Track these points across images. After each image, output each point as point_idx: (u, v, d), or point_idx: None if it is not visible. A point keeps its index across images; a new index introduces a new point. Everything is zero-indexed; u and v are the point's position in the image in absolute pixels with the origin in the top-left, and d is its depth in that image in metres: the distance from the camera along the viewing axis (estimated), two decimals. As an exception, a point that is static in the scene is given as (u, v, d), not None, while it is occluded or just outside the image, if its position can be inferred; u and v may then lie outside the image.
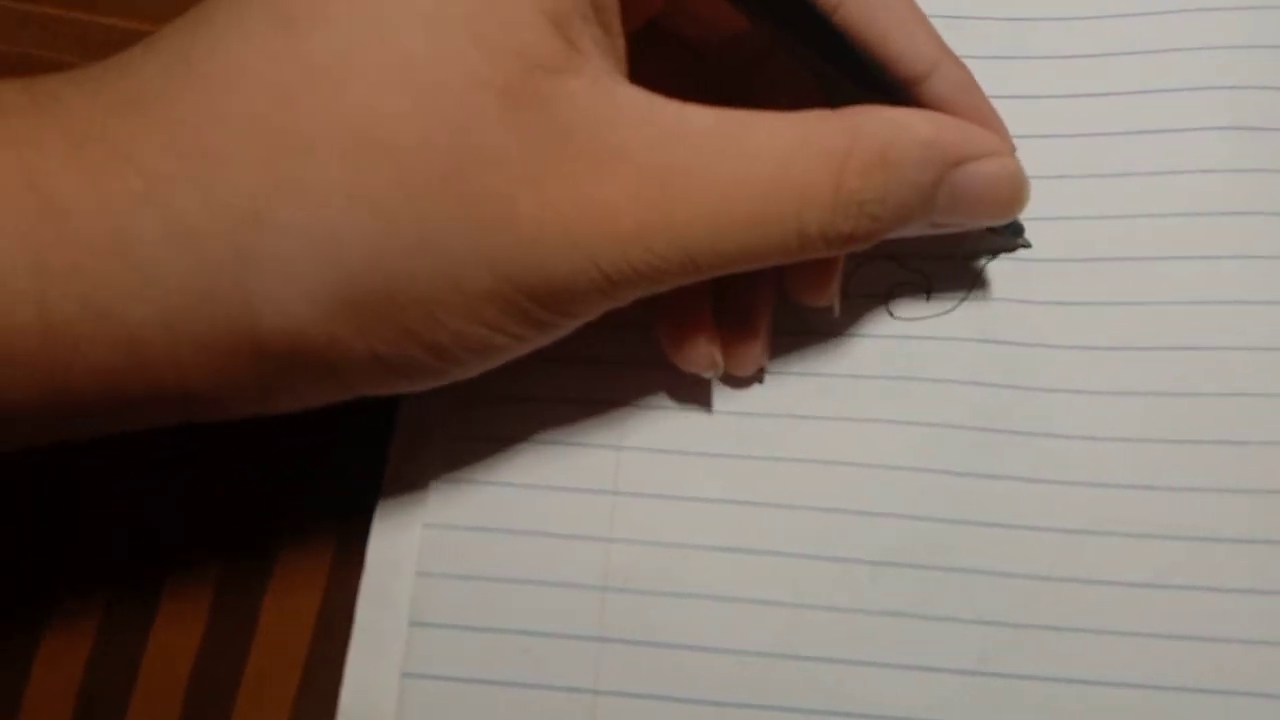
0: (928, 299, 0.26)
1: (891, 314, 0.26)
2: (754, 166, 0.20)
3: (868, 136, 0.21)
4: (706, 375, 0.25)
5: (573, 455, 0.25)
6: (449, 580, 0.25)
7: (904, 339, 0.26)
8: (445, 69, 0.18)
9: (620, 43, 0.21)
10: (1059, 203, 0.26)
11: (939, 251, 0.26)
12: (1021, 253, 0.26)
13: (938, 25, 0.23)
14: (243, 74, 0.18)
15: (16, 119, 0.18)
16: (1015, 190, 0.23)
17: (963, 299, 0.26)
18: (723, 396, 0.26)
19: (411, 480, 0.25)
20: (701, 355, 0.24)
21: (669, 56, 0.25)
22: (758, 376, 0.26)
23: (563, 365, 0.26)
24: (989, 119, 0.24)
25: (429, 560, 0.25)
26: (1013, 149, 0.23)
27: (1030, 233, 0.26)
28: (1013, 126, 0.24)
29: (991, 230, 0.25)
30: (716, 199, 0.20)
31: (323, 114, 0.18)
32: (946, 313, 0.26)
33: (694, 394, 0.26)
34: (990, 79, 0.23)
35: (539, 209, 0.19)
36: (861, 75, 0.22)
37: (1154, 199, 0.26)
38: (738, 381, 0.26)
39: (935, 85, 0.23)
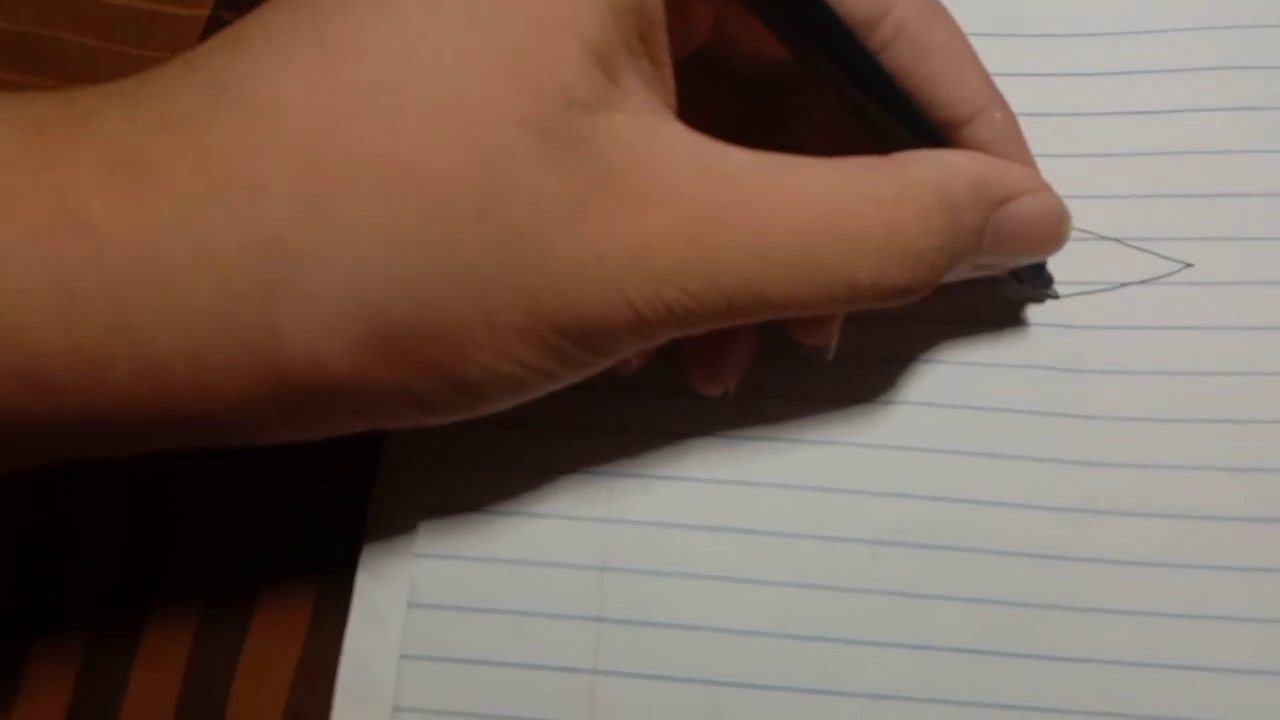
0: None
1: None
2: (797, 208, 0.20)
3: (919, 181, 0.21)
4: (714, 395, 0.25)
5: (571, 437, 0.25)
6: (447, 562, 0.25)
7: (900, 319, 0.26)
8: (485, 106, 0.18)
9: (668, 74, 0.21)
10: (1054, 181, 0.26)
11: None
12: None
13: None
14: (279, 102, 0.18)
15: (51, 137, 0.18)
16: (1058, 225, 0.23)
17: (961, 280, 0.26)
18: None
19: (407, 467, 0.25)
20: (726, 380, 0.25)
21: (710, 86, 0.25)
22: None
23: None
24: (1026, 161, 0.23)
25: (426, 544, 0.25)
26: (1048, 187, 0.23)
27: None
28: (1016, 104, 0.24)
29: (1018, 279, 0.25)
30: (757, 240, 0.19)
31: (358, 146, 0.18)
32: (946, 294, 0.26)
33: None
34: (986, 57, 0.23)
35: (575, 247, 0.19)
36: (905, 115, 0.22)
37: (1146, 178, 0.26)
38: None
39: (978, 130, 0.23)
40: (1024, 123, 0.23)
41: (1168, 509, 0.24)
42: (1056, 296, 0.26)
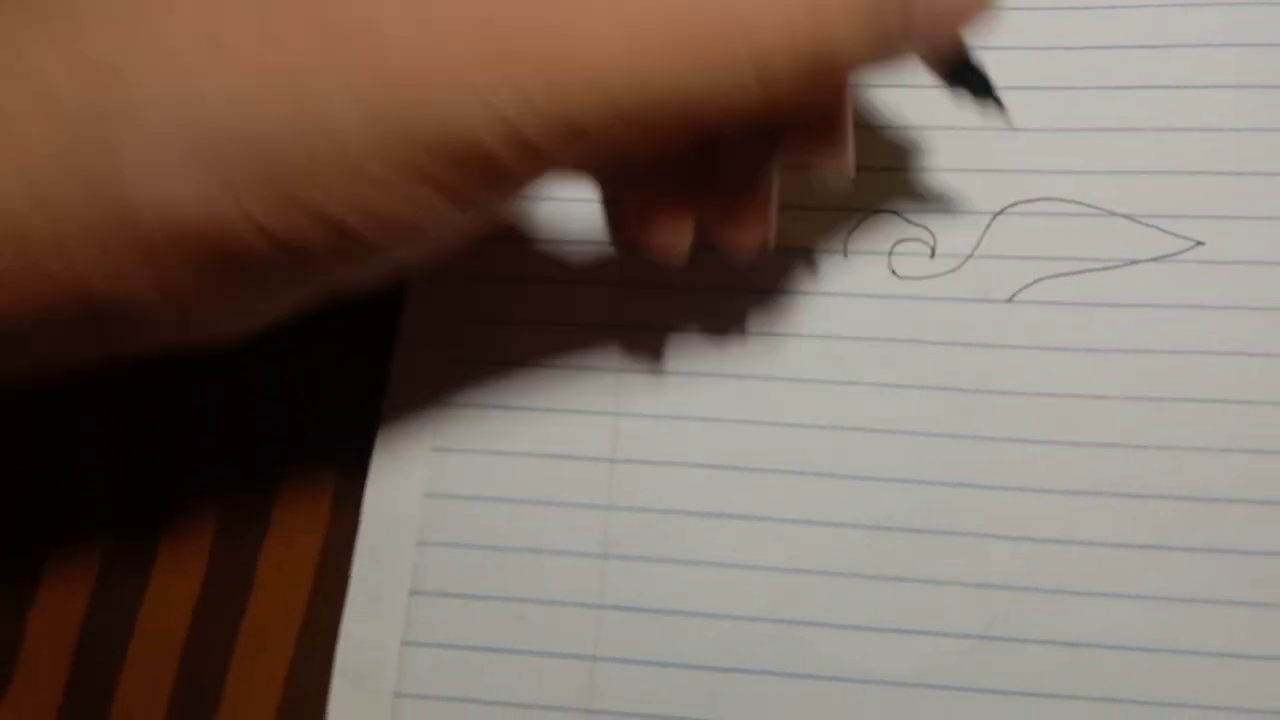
0: (931, 256, 0.26)
1: (894, 272, 0.26)
2: None
3: None
4: (675, 256, 0.22)
5: (571, 422, 0.25)
6: (448, 549, 0.25)
7: (905, 299, 0.26)
8: None
9: None
10: (1066, 155, 0.26)
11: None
12: (1022, 206, 0.26)
13: None
14: None
15: None
16: None
17: (967, 257, 0.26)
18: (723, 359, 0.25)
19: (407, 433, 0.25)
20: (669, 228, 0.22)
21: None
22: (765, 250, 0.23)
23: (553, 327, 0.26)
24: None
25: (429, 529, 0.25)
26: None
27: (1035, 187, 0.26)
28: (1029, 79, 0.23)
29: (954, 81, 0.23)
30: (631, 28, 0.17)
31: None
32: (950, 271, 0.26)
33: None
34: (1004, 29, 0.22)
35: (413, 42, 0.17)
36: None
37: (1158, 155, 0.26)
38: (742, 257, 0.23)
39: None
40: (1038, 96, 0.22)
41: (1172, 491, 0.24)
42: (1004, 113, 0.23)
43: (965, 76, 0.23)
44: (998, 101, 0.23)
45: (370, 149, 0.17)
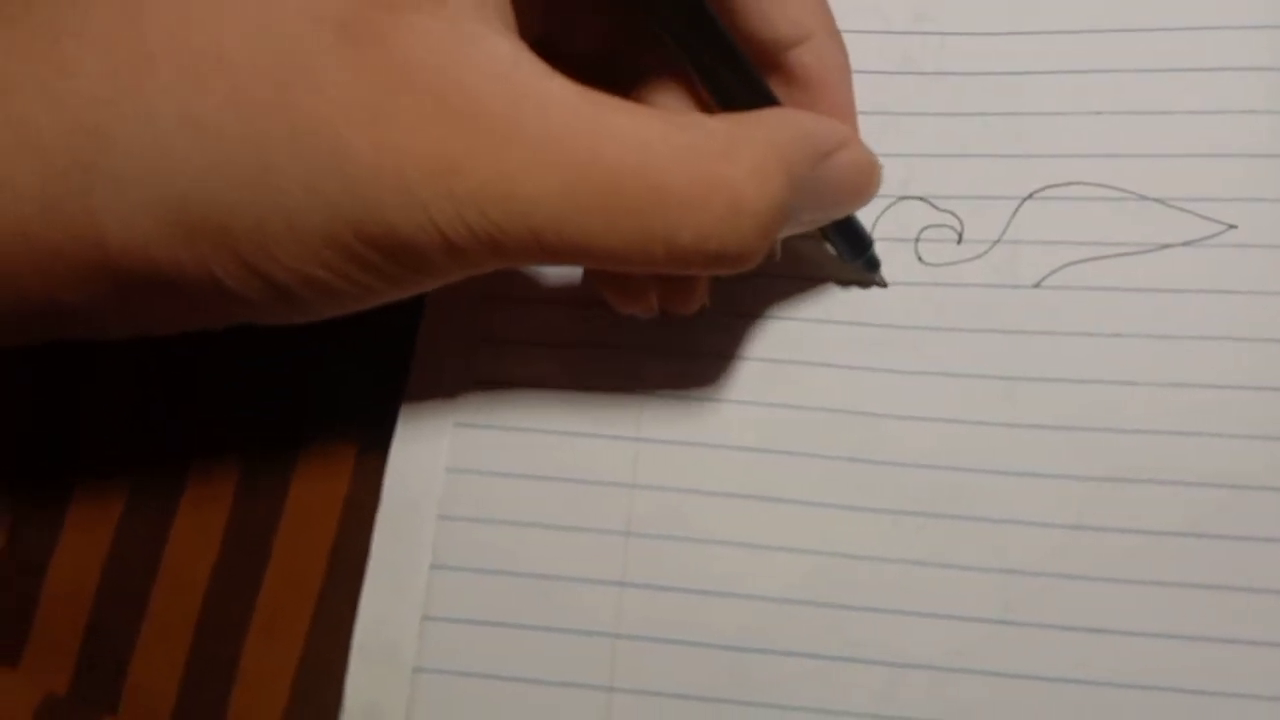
0: (959, 242, 0.26)
1: (921, 258, 0.26)
2: (609, 148, 0.19)
3: (751, 134, 0.20)
4: (642, 316, 0.24)
5: (596, 400, 0.25)
6: (470, 524, 0.24)
7: (933, 286, 0.25)
8: None
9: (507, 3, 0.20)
10: (1095, 139, 0.26)
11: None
12: (1051, 190, 0.26)
13: None
14: None
15: None
16: (871, 177, 0.23)
17: (995, 242, 0.26)
18: (749, 343, 0.25)
19: (430, 408, 0.25)
20: (637, 296, 0.23)
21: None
22: (699, 312, 0.24)
23: (583, 308, 0.26)
24: (848, 104, 0.23)
25: (451, 504, 0.24)
26: (860, 139, 0.23)
27: (1064, 171, 0.25)
28: (1059, 62, 0.23)
29: (844, 257, 0.25)
30: (564, 176, 0.19)
31: (164, 32, 0.18)
32: (978, 257, 0.25)
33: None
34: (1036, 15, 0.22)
35: (373, 152, 0.18)
36: (735, 66, 0.22)
37: (1190, 138, 0.26)
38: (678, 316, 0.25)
39: (805, 55, 0.22)
40: (1067, 80, 0.22)
41: (1200, 478, 0.23)
42: (884, 285, 0.25)
43: (853, 244, 0.25)
44: (879, 279, 0.25)
45: (319, 234, 0.19)
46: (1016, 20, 0.27)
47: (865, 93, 0.24)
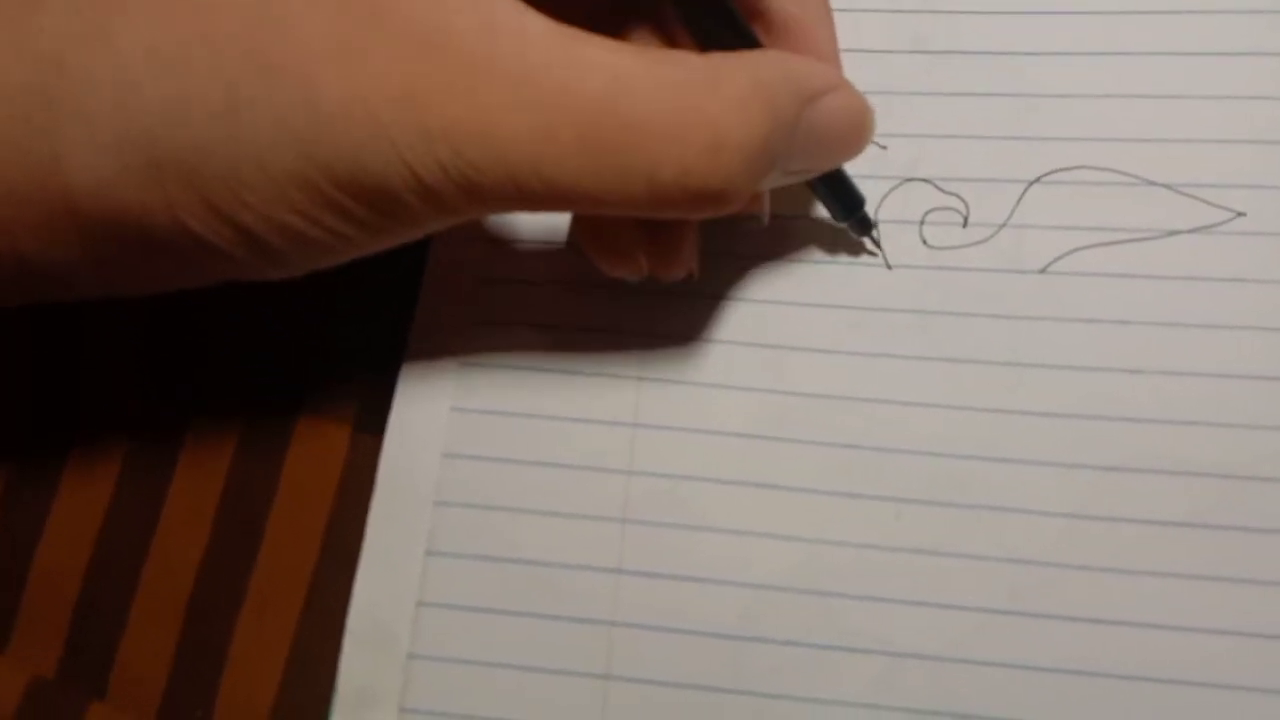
0: (964, 225, 0.25)
1: (925, 241, 0.25)
2: (585, 82, 0.18)
3: (733, 70, 0.19)
4: (631, 279, 0.24)
5: (593, 385, 0.25)
6: (466, 510, 0.24)
7: (937, 270, 0.25)
8: None
9: None
10: (1103, 123, 0.25)
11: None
12: (1058, 175, 0.25)
13: None
14: None
15: None
16: (863, 123, 0.22)
17: (1001, 226, 0.25)
18: (748, 327, 0.25)
19: (426, 392, 0.25)
20: (624, 257, 0.23)
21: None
22: (688, 279, 0.24)
23: (580, 291, 0.25)
24: (832, 52, 0.23)
25: (447, 490, 0.24)
26: (849, 83, 0.22)
27: (1072, 155, 0.25)
28: (1069, 44, 0.23)
29: (835, 217, 0.25)
30: (539, 112, 0.18)
31: None
32: (983, 241, 0.25)
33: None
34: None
35: (342, 87, 0.18)
36: (722, 12, 0.21)
37: (1199, 124, 0.25)
38: (667, 282, 0.24)
39: (786, 1, 0.22)
40: (1076, 62, 0.21)
41: (1205, 467, 0.23)
42: (877, 245, 0.25)
43: (844, 201, 0.24)
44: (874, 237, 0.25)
45: (290, 176, 0.18)
46: (1027, 0, 0.26)
47: (873, 72, 0.24)
